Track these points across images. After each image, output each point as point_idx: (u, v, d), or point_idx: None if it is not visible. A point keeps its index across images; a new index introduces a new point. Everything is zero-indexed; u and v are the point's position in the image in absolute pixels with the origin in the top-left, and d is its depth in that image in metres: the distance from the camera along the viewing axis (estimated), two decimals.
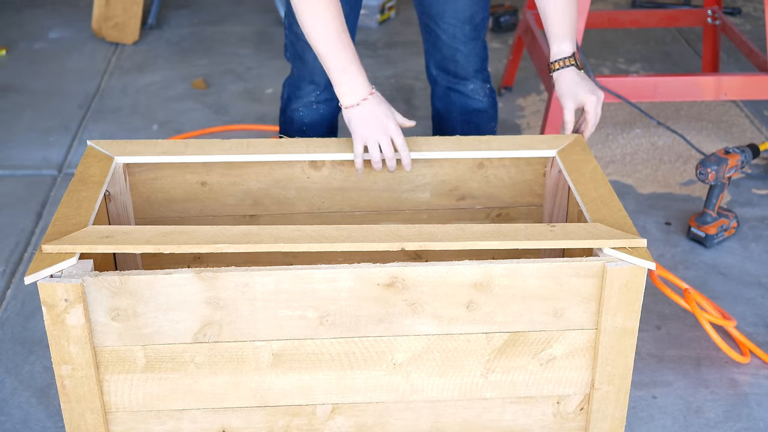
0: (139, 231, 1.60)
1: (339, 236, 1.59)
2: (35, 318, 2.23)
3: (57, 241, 1.57)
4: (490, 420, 1.72)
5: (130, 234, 1.59)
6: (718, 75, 2.76)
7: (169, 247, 1.56)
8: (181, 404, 1.66)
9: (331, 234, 1.59)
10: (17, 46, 3.86)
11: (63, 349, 1.58)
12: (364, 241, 1.57)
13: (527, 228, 1.63)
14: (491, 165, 1.98)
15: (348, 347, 1.63)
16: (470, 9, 2.25)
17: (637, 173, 2.89)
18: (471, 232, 1.61)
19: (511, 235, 1.60)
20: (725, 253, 2.49)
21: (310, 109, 2.31)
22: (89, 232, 1.60)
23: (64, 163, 2.96)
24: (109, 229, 1.61)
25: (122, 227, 1.62)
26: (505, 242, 1.59)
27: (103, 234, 1.59)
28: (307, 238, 1.58)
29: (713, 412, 1.97)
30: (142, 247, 1.56)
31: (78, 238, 1.58)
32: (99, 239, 1.57)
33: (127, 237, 1.58)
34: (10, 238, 2.56)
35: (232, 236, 1.58)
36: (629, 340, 1.64)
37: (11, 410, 1.97)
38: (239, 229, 1.61)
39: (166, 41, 3.93)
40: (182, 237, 1.59)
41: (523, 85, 3.50)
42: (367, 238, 1.58)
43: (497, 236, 1.60)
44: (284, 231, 1.60)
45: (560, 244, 1.60)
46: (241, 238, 1.57)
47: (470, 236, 1.59)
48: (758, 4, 4.26)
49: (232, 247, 1.56)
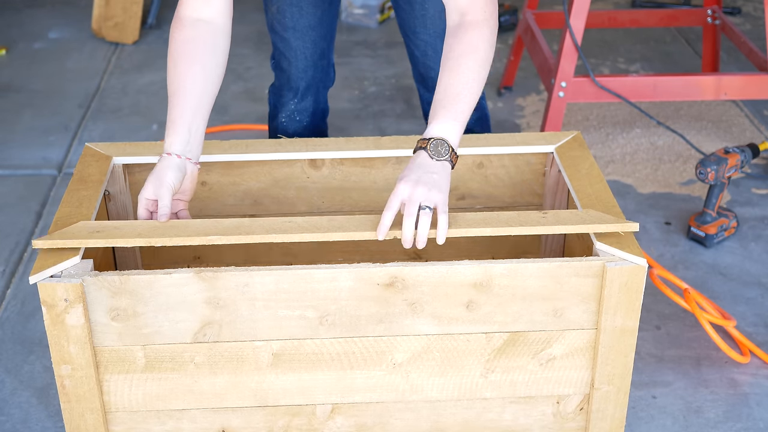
0: (130, 225, 1.61)
1: (331, 226, 1.60)
2: (35, 318, 2.23)
3: (47, 237, 1.58)
4: (489, 420, 1.72)
5: (121, 228, 1.60)
6: (718, 75, 2.76)
7: (160, 240, 1.57)
8: (181, 404, 1.66)
9: (323, 224, 1.60)
10: (17, 46, 3.86)
11: (63, 349, 1.58)
12: (356, 230, 1.58)
13: (519, 215, 1.63)
14: (491, 165, 1.98)
15: (348, 347, 1.63)
16: (441, 24, 2.10)
17: (636, 173, 2.89)
18: (464, 220, 1.61)
19: (503, 221, 1.61)
20: (725, 253, 2.49)
21: (293, 120, 2.31)
22: (80, 227, 1.61)
23: (64, 162, 2.96)
24: (100, 224, 1.61)
25: (113, 222, 1.62)
26: (497, 228, 1.59)
27: (95, 228, 1.60)
28: (299, 228, 1.59)
29: (713, 412, 1.97)
30: (133, 241, 1.56)
31: (69, 233, 1.58)
32: (90, 234, 1.58)
33: (119, 231, 1.59)
34: (10, 238, 2.56)
35: (224, 229, 1.59)
36: (629, 339, 1.64)
37: (11, 410, 1.97)
38: (231, 221, 1.61)
39: (166, 41, 3.93)
40: (173, 230, 1.59)
41: (523, 85, 3.50)
42: (359, 228, 1.59)
43: (490, 223, 1.60)
44: (276, 222, 1.61)
45: (552, 229, 1.61)
46: (233, 231, 1.58)
47: (462, 224, 1.60)
48: (758, 4, 4.26)
49: (224, 239, 1.56)
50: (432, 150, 1.60)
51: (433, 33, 2.17)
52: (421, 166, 1.59)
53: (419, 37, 2.19)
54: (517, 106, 3.35)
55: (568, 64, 2.66)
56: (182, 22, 1.75)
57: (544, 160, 1.98)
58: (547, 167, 1.97)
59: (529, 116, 3.28)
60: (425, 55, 2.22)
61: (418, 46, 2.21)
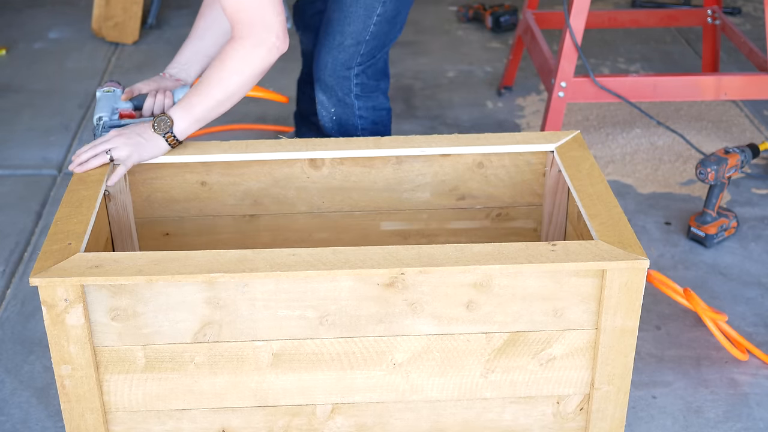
0: (129, 258, 1.57)
1: (336, 261, 1.57)
2: (35, 318, 2.23)
3: (44, 272, 1.53)
4: (489, 420, 1.72)
5: (120, 262, 1.56)
6: (718, 75, 2.76)
7: (161, 278, 1.53)
8: (181, 404, 1.66)
9: (328, 258, 1.57)
10: (17, 46, 3.86)
11: (63, 349, 1.58)
12: (362, 267, 1.55)
13: (528, 247, 1.61)
14: (491, 165, 1.98)
15: (348, 347, 1.63)
16: (326, 33, 2.27)
17: (636, 173, 2.89)
18: (471, 253, 1.59)
19: (512, 257, 1.58)
20: (725, 253, 2.49)
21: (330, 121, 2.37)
22: (77, 261, 1.56)
23: (64, 162, 2.96)
24: (98, 257, 1.57)
25: (112, 254, 1.58)
26: (506, 266, 1.57)
27: (93, 263, 1.55)
28: (304, 264, 1.56)
29: (713, 412, 1.97)
30: (133, 279, 1.53)
31: (67, 269, 1.54)
32: (88, 269, 1.54)
33: (118, 266, 1.55)
34: (10, 238, 2.56)
35: (226, 263, 1.56)
36: (629, 340, 1.64)
37: (11, 410, 1.97)
38: (234, 254, 1.58)
39: (166, 41, 3.93)
40: (175, 265, 1.55)
41: (523, 85, 3.50)
42: (366, 263, 1.56)
43: (498, 258, 1.57)
44: (280, 255, 1.58)
45: (562, 267, 1.58)
46: (237, 266, 1.55)
47: (470, 259, 1.57)
48: (758, 4, 4.26)
49: (227, 276, 1.53)
50: (156, 123, 1.87)
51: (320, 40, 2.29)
52: (139, 127, 1.89)
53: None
54: (517, 106, 3.35)
55: (568, 64, 2.66)
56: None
57: (544, 160, 1.98)
58: (547, 167, 1.97)
59: (529, 116, 3.28)
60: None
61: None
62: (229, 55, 1.88)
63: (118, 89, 2.05)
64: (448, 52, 3.80)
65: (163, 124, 1.86)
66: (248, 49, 1.87)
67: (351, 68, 2.22)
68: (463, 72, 3.62)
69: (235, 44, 1.88)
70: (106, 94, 2.04)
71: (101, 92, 2.04)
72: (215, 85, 1.87)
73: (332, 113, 2.29)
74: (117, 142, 1.85)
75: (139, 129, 1.88)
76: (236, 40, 1.88)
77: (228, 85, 1.88)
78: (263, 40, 1.87)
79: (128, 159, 1.85)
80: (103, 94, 2.04)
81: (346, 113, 2.28)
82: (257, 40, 1.87)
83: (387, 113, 2.36)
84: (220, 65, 1.88)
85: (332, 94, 2.26)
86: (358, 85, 2.25)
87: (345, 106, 2.27)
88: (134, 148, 1.85)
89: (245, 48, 1.87)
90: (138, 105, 2.04)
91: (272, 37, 1.87)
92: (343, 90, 2.25)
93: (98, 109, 2.01)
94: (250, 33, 1.86)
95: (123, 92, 2.04)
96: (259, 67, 1.89)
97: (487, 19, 3.99)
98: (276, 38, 1.88)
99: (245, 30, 1.87)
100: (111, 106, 2.02)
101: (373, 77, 2.28)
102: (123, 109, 2.03)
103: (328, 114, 2.30)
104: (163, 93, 2.03)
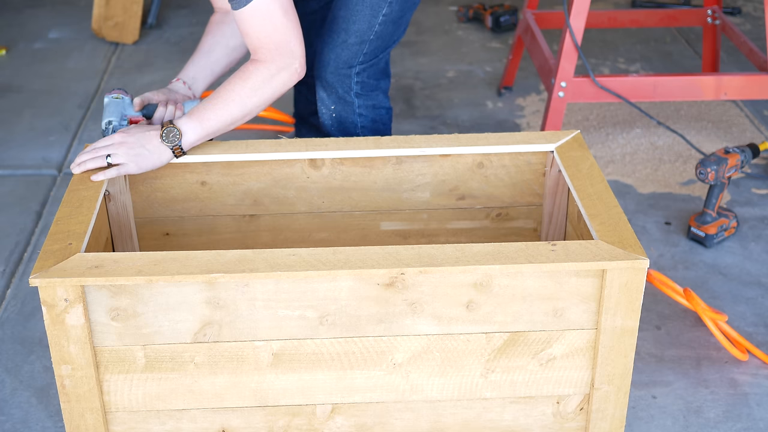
0: (129, 258, 1.57)
1: (336, 261, 1.57)
2: (35, 318, 2.23)
3: (44, 272, 1.53)
4: (489, 420, 1.72)
5: (120, 263, 1.56)
6: (718, 75, 2.76)
7: (161, 278, 1.53)
8: (181, 404, 1.66)
9: (328, 258, 1.58)
10: (17, 46, 3.86)
11: (63, 348, 1.58)
12: (362, 267, 1.55)
13: (528, 247, 1.61)
14: (491, 165, 1.98)
15: (348, 347, 1.63)
16: (329, 34, 2.27)
17: (636, 173, 2.89)
18: (471, 253, 1.59)
19: (512, 257, 1.58)
20: (725, 253, 2.49)
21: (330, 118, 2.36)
22: (77, 261, 1.56)
23: (64, 162, 2.96)
24: (98, 258, 1.57)
25: (112, 254, 1.58)
26: (506, 266, 1.57)
27: (93, 263, 1.56)
28: (304, 264, 1.56)
29: (713, 412, 1.97)
30: (133, 279, 1.53)
31: (67, 270, 1.54)
32: (89, 270, 1.54)
33: (118, 266, 1.55)
34: (10, 238, 2.56)
35: (226, 263, 1.56)
36: (629, 339, 1.64)
37: (11, 410, 1.97)
38: (234, 254, 1.58)
39: (166, 41, 3.93)
40: (175, 265, 1.55)
41: (523, 85, 3.50)
42: (366, 263, 1.56)
43: (498, 258, 1.58)
44: (280, 256, 1.58)
45: (562, 267, 1.58)
46: (237, 266, 1.55)
47: (470, 259, 1.57)
48: (758, 4, 4.26)
49: (227, 276, 1.54)
50: (164, 134, 1.86)
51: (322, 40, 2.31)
52: (145, 137, 1.86)
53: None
54: (517, 106, 3.35)
55: (568, 64, 2.66)
56: (215, 12, 2.21)
57: (544, 160, 1.98)
58: (548, 167, 1.97)
59: (529, 116, 3.28)
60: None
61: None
62: (252, 74, 1.89)
63: (126, 97, 2.05)
64: (448, 52, 3.80)
65: (172, 136, 1.86)
66: (273, 72, 1.90)
67: (352, 67, 2.22)
68: (463, 72, 3.62)
69: (260, 65, 1.90)
70: (115, 101, 2.03)
71: (110, 98, 2.04)
72: (233, 102, 1.89)
73: (332, 110, 2.29)
74: (118, 149, 1.84)
75: (144, 138, 1.86)
76: (261, 63, 1.90)
77: (247, 103, 1.89)
78: (288, 65, 1.91)
79: (124, 167, 1.84)
80: (112, 99, 2.04)
81: (345, 111, 2.28)
82: (282, 65, 1.90)
83: (387, 112, 2.36)
84: (241, 83, 1.89)
85: (332, 91, 2.26)
86: (358, 84, 2.25)
87: (345, 104, 2.28)
88: (134, 159, 1.84)
89: (269, 71, 1.89)
90: (148, 114, 2.04)
91: (296, 63, 1.91)
92: (343, 88, 2.25)
93: (107, 114, 2.01)
94: (275, 58, 1.90)
95: (131, 100, 2.04)
96: (280, 90, 1.92)
97: (487, 19, 3.99)
98: (299, 65, 1.92)
99: (269, 55, 1.89)
100: (120, 113, 2.02)
101: (373, 76, 2.28)
102: (133, 116, 2.03)
103: (328, 111, 2.30)
104: (174, 104, 2.04)
